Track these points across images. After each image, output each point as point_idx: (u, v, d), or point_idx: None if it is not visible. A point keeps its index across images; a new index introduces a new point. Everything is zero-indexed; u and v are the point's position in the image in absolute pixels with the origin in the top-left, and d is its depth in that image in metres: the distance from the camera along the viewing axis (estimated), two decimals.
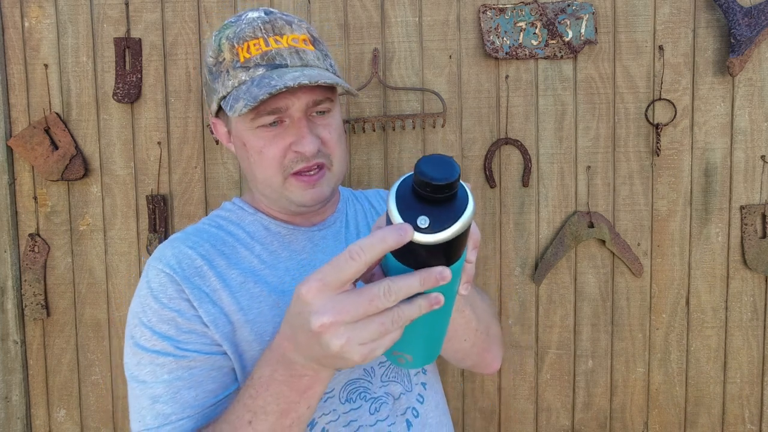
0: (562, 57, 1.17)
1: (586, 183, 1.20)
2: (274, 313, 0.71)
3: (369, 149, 1.21)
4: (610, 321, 1.22)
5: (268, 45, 0.69)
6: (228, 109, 0.69)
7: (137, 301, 0.70)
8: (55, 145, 1.19)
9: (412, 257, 0.42)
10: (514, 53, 1.16)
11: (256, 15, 0.71)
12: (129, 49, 1.19)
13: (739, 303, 1.20)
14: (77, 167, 1.19)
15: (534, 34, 1.16)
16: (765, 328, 1.20)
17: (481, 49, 1.18)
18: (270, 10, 0.73)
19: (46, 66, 1.20)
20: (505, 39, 1.16)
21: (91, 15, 1.19)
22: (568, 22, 1.15)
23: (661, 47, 1.17)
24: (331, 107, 0.74)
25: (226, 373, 0.68)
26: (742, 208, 1.18)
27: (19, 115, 1.20)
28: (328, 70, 0.74)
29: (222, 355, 0.68)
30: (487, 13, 1.16)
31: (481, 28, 1.17)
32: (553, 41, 1.16)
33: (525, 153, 1.19)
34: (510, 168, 1.21)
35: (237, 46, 0.70)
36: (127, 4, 1.19)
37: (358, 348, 0.43)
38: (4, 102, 1.20)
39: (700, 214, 1.19)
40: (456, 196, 0.41)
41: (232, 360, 0.69)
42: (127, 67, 1.19)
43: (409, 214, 0.40)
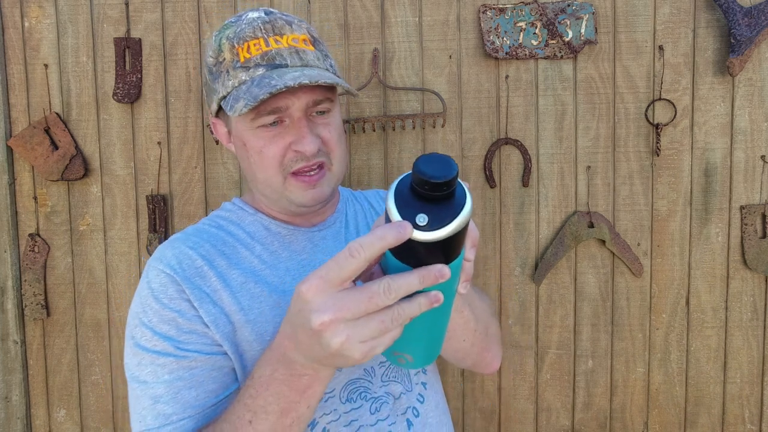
0: (562, 57, 1.17)
1: (586, 183, 1.20)
2: (275, 313, 0.71)
3: (369, 149, 1.22)
4: (610, 321, 1.22)
5: (268, 45, 0.70)
6: (228, 109, 0.69)
7: (138, 302, 0.70)
8: (55, 145, 1.19)
9: (411, 255, 0.42)
10: (514, 53, 1.17)
11: (256, 15, 0.71)
12: (129, 49, 1.19)
13: (739, 303, 1.20)
14: (77, 167, 1.19)
15: (534, 34, 1.16)
16: (765, 328, 1.20)
17: (481, 49, 1.18)
18: (270, 11, 0.73)
19: (46, 66, 1.20)
20: (505, 39, 1.16)
21: (91, 15, 1.19)
22: (568, 22, 1.15)
23: (661, 47, 1.17)
24: (331, 107, 0.74)
25: (227, 373, 0.69)
26: (742, 208, 1.18)
27: (19, 115, 1.20)
28: (328, 70, 0.74)
29: (222, 355, 0.68)
30: (487, 13, 1.16)
31: (481, 28, 1.17)
32: (553, 41, 1.16)
33: (525, 153, 1.19)
34: (510, 168, 1.21)
35: (237, 46, 0.70)
36: (127, 4, 1.19)
37: (359, 346, 0.43)
38: (4, 102, 1.20)
39: (700, 214, 1.19)
40: (454, 194, 0.41)
41: (232, 360, 0.69)
42: (127, 67, 1.19)
43: (407, 212, 0.40)
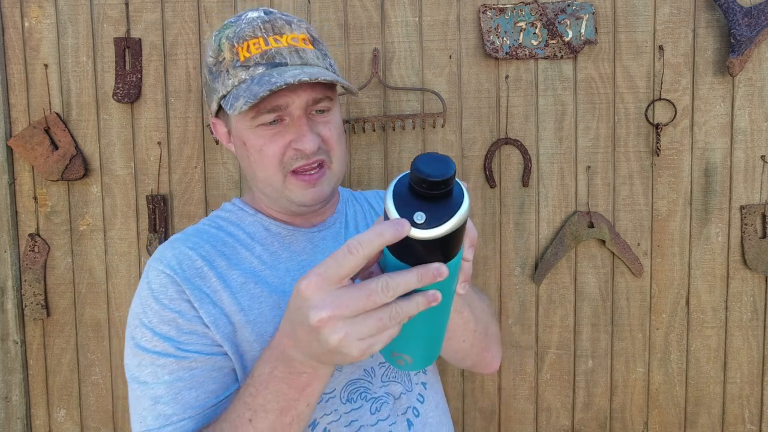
0: (562, 57, 1.17)
1: (586, 183, 1.20)
2: (275, 314, 0.71)
3: (369, 149, 1.22)
4: (610, 321, 1.22)
5: (267, 44, 0.70)
6: (228, 107, 0.69)
7: (138, 302, 0.70)
8: (55, 145, 1.19)
9: (409, 253, 0.42)
10: (514, 53, 1.17)
11: (255, 15, 0.71)
12: (129, 49, 1.19)
13: (739, 303, 1.20)
14: (77, 167, 1.19)
15: (534, 34, 1.16)
16: (765, 328, 1.20)
17: (481, 49, 1.18)
18: (270, 10, 0.73)
19: (46, 66, 1.20)
20: (505, 39, 1.16)
21: (91, 15, 1.19)
22: (568, 22, 1.15)
23: (661, 47, 1.17)
24: (331, 106, 0.74)
25: (227, 373, 0.69)
26: (742, 208, 1.18)
27: (19, 115, 1.21)
28: (327, 69, 0.74)
29: (223, 355, 0.68)
30: (487, 13, 1.16)
31: (481, 28, 1.17)
32: (553, 41, 1.16)
33: (525, 153, 1.19)
34: (510, 168, 1.21)
35: (237, 45, 0.70)
36: (127, 4, 1.19)
37: (357, 343, 0.44)
38: (4, 102, 1.20)
39: (700, 214, 1.19)
40: (452, 193, 0.41)
41: (232, 360, 0.69)
42: (127, 67, 1.19)
43: (405, 211, 0.41)
